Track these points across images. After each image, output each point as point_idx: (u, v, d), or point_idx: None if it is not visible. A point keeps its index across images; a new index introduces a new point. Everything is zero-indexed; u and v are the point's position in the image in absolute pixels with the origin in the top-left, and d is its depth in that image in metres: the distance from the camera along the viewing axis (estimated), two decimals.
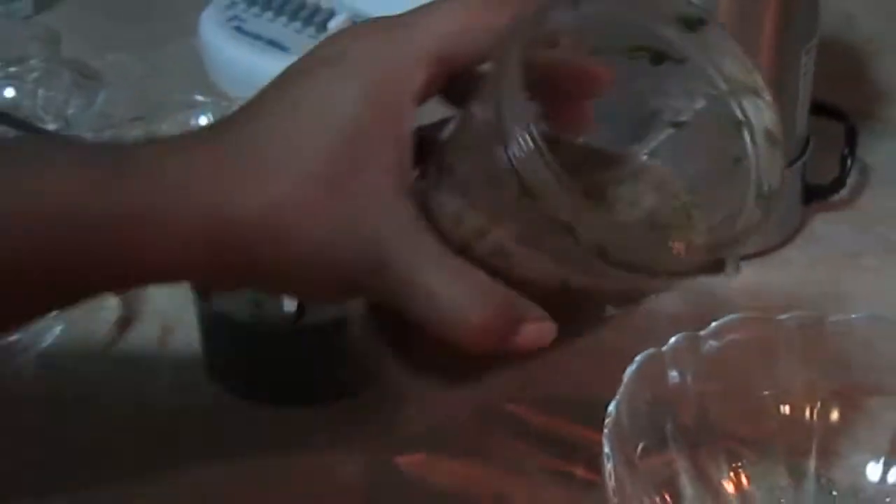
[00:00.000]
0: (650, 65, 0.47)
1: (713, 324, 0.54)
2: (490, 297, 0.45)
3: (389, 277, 0.45)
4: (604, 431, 0.50)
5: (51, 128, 0.77)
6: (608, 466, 0.49)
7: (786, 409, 0.55)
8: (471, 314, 0.44)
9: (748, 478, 0.54)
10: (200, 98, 0.79)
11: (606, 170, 0.49)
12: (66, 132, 0.77)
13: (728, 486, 0.54)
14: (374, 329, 0.50)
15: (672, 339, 0.53)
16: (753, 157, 0.47)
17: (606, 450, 0.49)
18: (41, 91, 0.80)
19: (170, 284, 0.50)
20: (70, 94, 0.80)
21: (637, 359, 0.52)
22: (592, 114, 0.48)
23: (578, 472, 0.57)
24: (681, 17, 0.47)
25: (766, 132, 0.47)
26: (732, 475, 0.54)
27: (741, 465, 0.54)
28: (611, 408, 0.50)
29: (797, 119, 0.71)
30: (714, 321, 0.54)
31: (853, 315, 0.55)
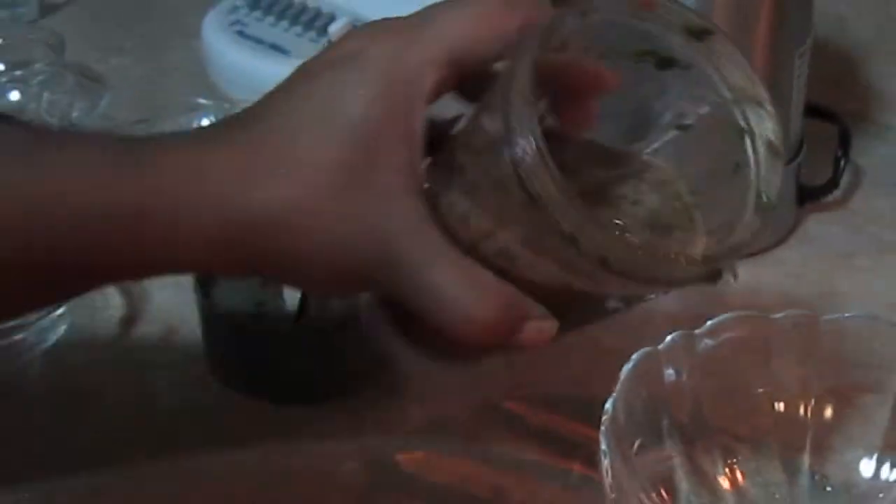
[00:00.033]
0: (656, 69, 0.48)
1: (709, 322, 0.54)
2: (495, 296, 0.45)
3: (398, 274, 0.46)
4: (601, 429, 0.50)
5: None
6: (605, 463, 0.50)
7: (780, 407, 0.55)
8: (476, 312, 0.45)
9: (743, 474, 0.55)
10: (203, 101, 0.79)
11: (610, 167, 0.49)
12: None
13: (723, 482, 0.54)
14: (382, 317, 0.50)
15: (668, 338, 0.53)
16: (754, 166, 0.47)
17: (603, 446, 0.50)
18: (46, 94, 0.80)
19: (175, 277, 0.50)
20: (74, 97, 0.80)
21: (633, 357, 0.52)
22: (598, 111, 0.48)
23: (576, 469, 0.57)
24: (687, 27, 0.47)
25: (768, 142, 0.47)
26: (728, 471, 0.54)
27: (736, 462, 0.55)
28: (608, 405, 0.51)
29: (791, 121, 0.71)
30: (709, 320, 0.54)
31: (846, 314, 0.55)
